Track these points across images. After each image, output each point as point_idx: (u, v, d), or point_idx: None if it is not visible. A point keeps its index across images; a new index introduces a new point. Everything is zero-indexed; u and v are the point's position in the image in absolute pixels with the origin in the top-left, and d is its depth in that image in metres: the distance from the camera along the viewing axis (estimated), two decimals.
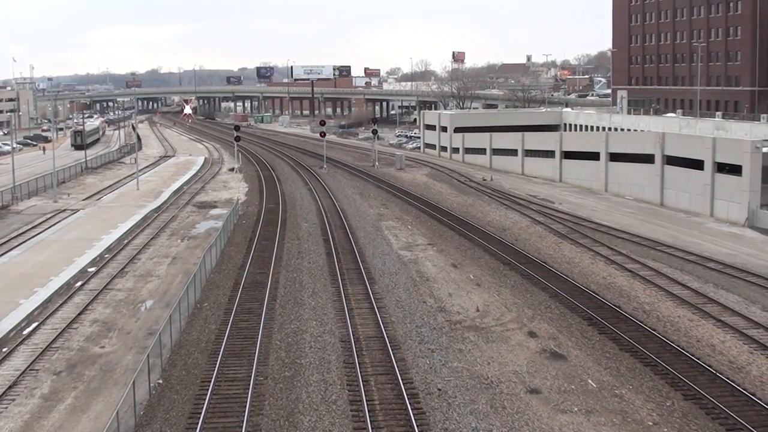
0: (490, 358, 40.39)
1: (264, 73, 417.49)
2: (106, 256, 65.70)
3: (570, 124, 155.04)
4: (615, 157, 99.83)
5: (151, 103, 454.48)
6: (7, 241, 71.96)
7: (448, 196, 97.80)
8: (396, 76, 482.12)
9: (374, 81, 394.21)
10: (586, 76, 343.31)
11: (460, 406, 34.26)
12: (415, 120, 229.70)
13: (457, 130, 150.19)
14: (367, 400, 34.40)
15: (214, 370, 38.10)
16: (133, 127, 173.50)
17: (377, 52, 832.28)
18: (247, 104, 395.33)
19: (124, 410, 32.44)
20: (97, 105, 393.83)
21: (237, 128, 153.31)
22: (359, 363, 38.96)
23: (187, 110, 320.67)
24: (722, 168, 79.68)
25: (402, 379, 36.55)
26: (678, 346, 40.99)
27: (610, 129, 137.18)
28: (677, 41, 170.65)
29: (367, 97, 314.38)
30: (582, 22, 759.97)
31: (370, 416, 32.83)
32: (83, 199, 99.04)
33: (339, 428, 32.30)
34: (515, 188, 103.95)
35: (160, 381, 37.66)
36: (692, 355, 39.51)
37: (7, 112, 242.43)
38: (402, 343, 42.27)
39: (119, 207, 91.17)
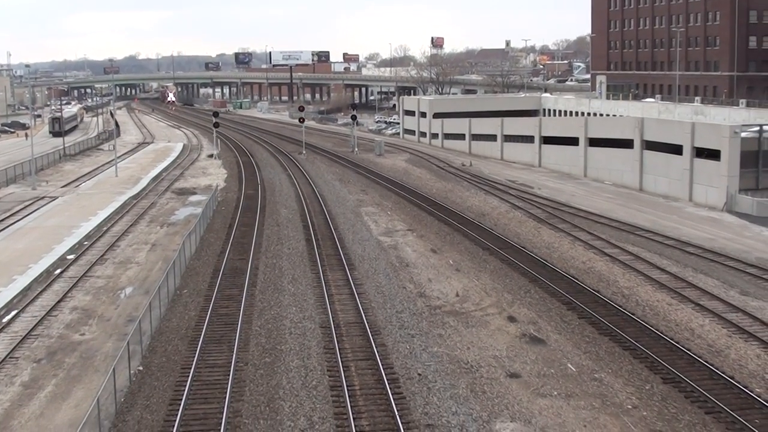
0: (470, 342, 40.49)
1: (242, 59, 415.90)
2: (86, 243, 65.45)
3: (549, 110, 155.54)
4: (594, 142, 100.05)
5: (129, 89, 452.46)
6: None
7: (427, 181, 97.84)
8: (375, 62, 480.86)
9: (353, 66, 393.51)
10: (565, 62, 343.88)
11: (441, 390, 34.35)
12: (394, 106, 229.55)
13: (436, 115, 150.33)
14: (347, 386, 34.42)
15: (194, 357, 38.06)
16: (112, 114, 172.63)
17: (356, 38, 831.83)
18: (226, 90, 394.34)
19: (104, 397, 32.38)
20: (75, 91, 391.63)
21: (216, 114, 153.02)
22: (339, 349, 38.98)
23: (171, 97, 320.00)
24: (701, 153, 79.95)
25: (382, 365, 36.60)
26: (657, 330, 41.20)
27: (589, 114, 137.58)
28: (656, 26, 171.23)
29: (346, 82, 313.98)
30: (561, 8, 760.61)
31: (350, 401, 32.86)
32: (62, 187, 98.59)
33: (319, 414, 32.34)
34: (494, 173, 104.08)
35: (141, 368, 37.60)
36: (671, 339, 39.71)
37: None
38: (382, 329, 42.33)
39: (98, 194, 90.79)
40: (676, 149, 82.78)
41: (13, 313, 46.61)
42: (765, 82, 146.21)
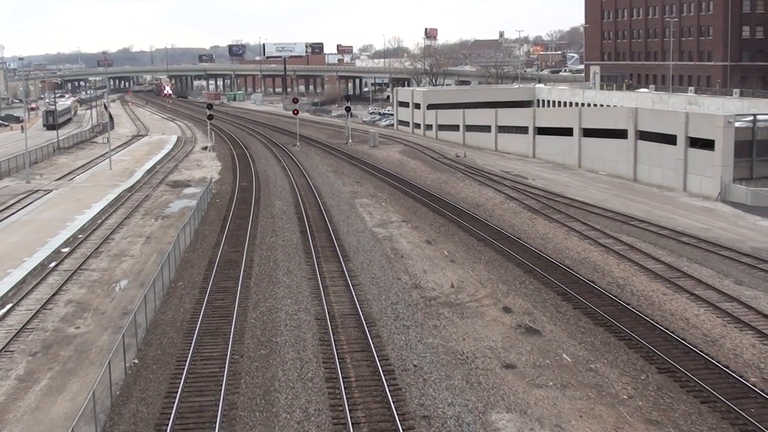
0: (465, 333, 40.52)
1: (236, 51, 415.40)
2: (80, 236, 65.38)
3: (543, 100, 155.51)
4: (588, 132, 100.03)
5: (123, 82, 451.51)
6: None
7: (421, 173, 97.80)
8: (369, 53, 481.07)
9: (347, 58, 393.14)
10: (559, 52, 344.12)
11: (436, 381, 34.38)
12: (388, 97, 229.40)
13: (430, 107, 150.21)
14: (343, 377, 34.45)
15: (189, 349, 38.05)
16: (105, 107, 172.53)
17: (350, 29, 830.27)
18: (220, 82, 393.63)
19: (100, 390, 32.40)
20: (69, 84, 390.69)
21: (210, 107, 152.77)
22: (335, 340, 39.00)
23: (168, 90, 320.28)
24: (695, 143, 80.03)
25: (378, 356, 36.63)
26: (652, 319, 41.27)
27: (583, 104, 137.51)
28: (649, 16, 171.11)
29: (339, 74, 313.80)
30: None
31: (346, 393, 32.88)
32: (56, 180, 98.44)
33: (315, 405, 32.35)
34: (489, 164, 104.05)
35: (136, 361, 37.59)
36: (666, 329, 39.78)
37: None
38: (377, 320, 42.34)
39: (92, 187, 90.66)
40: (670, 139, 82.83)
41: (8, 306, 46.57)
42: (758, 72, 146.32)
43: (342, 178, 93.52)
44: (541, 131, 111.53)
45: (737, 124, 77.03)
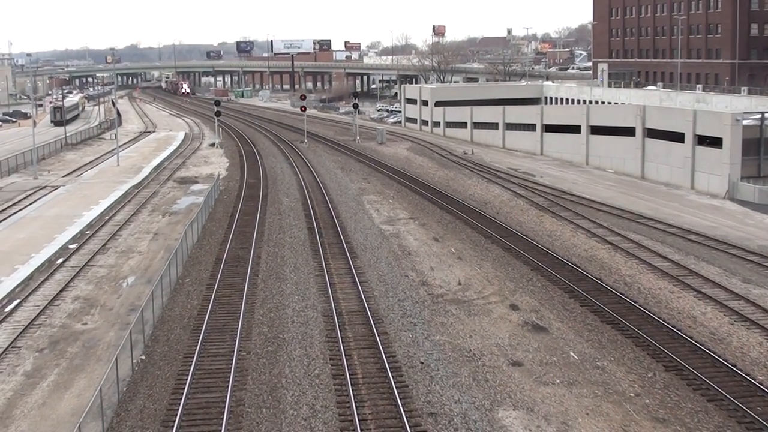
0: (472, 331, 40.52)
1: (244, 48, 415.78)
2: (87, 232, 65.47)
3: (551, 98, 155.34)
4: (596, 130, 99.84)
5: (130, 78, 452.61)
6: None
7: (429, 170, 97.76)
8: (376, 50, 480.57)
9: (355, 55, 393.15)
10: (567, 50, 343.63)
11: (443, 378, 34.38)
12: (396, 94, 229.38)
13: (437, 104, 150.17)
14: (350, 374, 34.47)
15: (196, 346, 38.09)
16: (113, 103, 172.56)
17: (357, 26, 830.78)
18: (227, 79, 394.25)
19: (107, 387, 32.42)
20: (77, 81, 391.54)
21: (217, 103, 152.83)
22: (342, 337, 39.02)
23: (185, 88, 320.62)
24: (703, 141, 79.85)
25: (384, 353, 36.63)
26: (659, 317, 41.22)
27: (590, 102, 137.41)
28: (657, 14, 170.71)
29: (347, 71, 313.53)
30: None
31: (353, 390, 32.90)
32: (64, 176, 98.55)
33: (322, 402, 32.37)
34: (496, 161, 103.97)
35: (143, 357, 37.65)
36: (673, 327, 39.73)
37: None
38: (384, 317, 42.35)
39: (100, 183, 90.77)
40: (678, 137, 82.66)
41: (15, 302, 46.66)
42: (766, 70, 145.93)
43: (349, 175, 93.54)
44: (549, 128, 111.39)
45: (745, 122, 76.85)
